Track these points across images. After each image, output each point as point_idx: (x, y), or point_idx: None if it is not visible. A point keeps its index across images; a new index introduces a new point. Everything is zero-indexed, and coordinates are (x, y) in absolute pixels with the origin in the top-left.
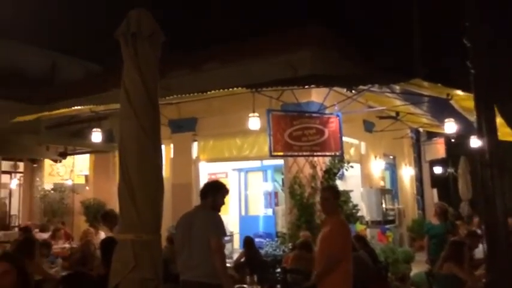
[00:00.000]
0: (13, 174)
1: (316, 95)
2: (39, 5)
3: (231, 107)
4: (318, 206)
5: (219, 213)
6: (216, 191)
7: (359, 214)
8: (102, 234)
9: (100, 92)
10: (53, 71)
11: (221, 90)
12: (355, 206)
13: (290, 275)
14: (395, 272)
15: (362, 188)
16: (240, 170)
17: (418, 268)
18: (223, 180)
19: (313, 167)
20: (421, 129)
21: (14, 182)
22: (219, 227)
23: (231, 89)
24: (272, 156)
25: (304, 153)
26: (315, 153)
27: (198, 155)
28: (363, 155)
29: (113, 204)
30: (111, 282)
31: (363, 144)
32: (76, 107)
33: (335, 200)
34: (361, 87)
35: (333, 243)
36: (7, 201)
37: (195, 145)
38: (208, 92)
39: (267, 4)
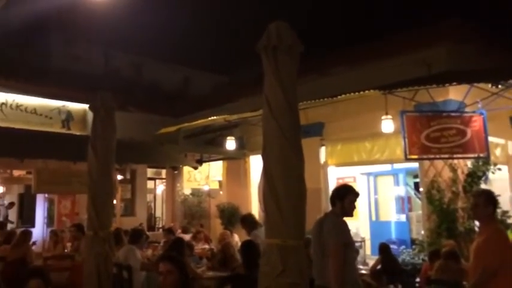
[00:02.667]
0: (157, 181)
1: (455, 93)
2: (172, 24)
3: (359, 109)
4: (460, 212)
5: (344, 219)
6: (342, 197)
7: (509, 221)
8: (236, 237)
9: (229, 102)
10: (185, 85)
11: (352, 93)
12: (506, 212)
13: (435, 286)
14: None
15: (511, 192)
16: (369, 174)
17: None
18: (351, 185)
19: (454, 170)
20: None
21: (160, 188)
22: (339, 232)
23: (362, 92)
24: (407, 160)
25: (444, 156)
26: (455, 156)
27: (326, 159)
28: (510, 156)
29: (245, 207)
30: (261, 284)
31: (510, 144)
32: (212, 117)
33: (489, 206)
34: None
35: (489, 254)
36: (152, 205)
37: (322, 150)
38: (339, 97)
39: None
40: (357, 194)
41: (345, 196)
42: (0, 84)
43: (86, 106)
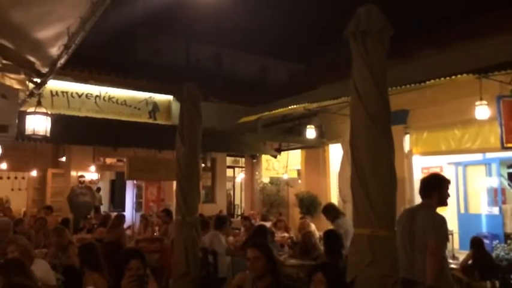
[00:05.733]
0: (235, 169)
1: None
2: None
3: (447, 95)
4: None
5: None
6: (441, 186)
7: None
8: (313, 226)
9: (306, 91)
10: (263, 74)
11: (442, 79)
12: None
13: None
14: None
15: None
16: (457, 164)
17: None
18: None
19: None
20: None
21: (240, 176)
22: (440, 228)
23: (453, 77)
24: (504, 149)
25: None
26: None
27: (410, 148)
28: None
29: (324, 197)
30: (349, 274)
31: None
32: (292, 106)
33: None
34: None
35: None
36: (231, 193)
37: (407, 138)
38: (427, 82)
39: None
40: (449, 181)
41: (443, 185)
42: (95, 78)
43: (170, 97)
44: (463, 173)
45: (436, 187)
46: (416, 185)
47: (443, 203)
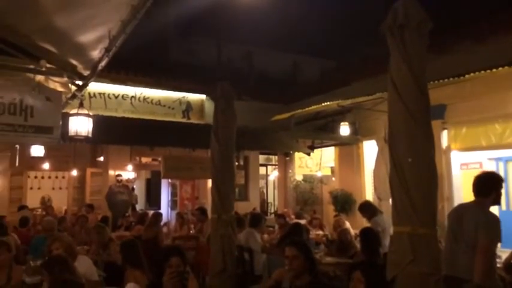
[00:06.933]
0: (268, 167)
1: None
2: (280, 12)
3: (487, 89)
4: None
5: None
6: (498, 185)
7: None
8: (347, 224)
9: (339, 87)
10: (294, 71)
11: (482, 72)
12: None
13: None
14: None
15: None
16: (498, 159)
17: None
18: (477, 172)
19: None
20: None
21: (274, 174)
22: (494, 229)
23: (494, 70)
24: None
25: None
26: None
27: (448, 144)
28: None
29: (358, 194)
30: (389, 273)
31: None
32: (325, 103)
33: None
34: None
35: None
36: (264, 190)
37: (444, 134)
38: (466, 76)
39: None
40: (503, 180)
41: (500, 185)
42: (131, 79)
43: (203, 96)
44: (504, 168)
45: (494, 186)
46: (455, 181)
47: (498, 203)
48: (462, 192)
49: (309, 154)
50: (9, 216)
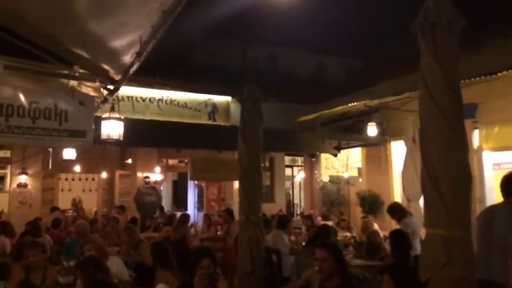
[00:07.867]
0: (294, 168)
1: None
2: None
3: None
4: None
5: None
6: None
7: None
8: (376, 226)
9: (366, 87)
10: (319, 71)
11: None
12: None
13: None
14: None
15: None
16: None
17: None
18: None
19: None
20: None
21: (300, 175)
22: None
23: None
24: None
25: None
26: None
27: (480, 144)
28: None
29: (386, 195)
30: (422, 277)
31: None
32: (352, 103)
33: None
34: None
35: None
36: (290, 192)
37: (476, 133)
38: (499, 74)
39: None
40: None
41: None
42: (158, 83)
43: (228, 98)
44: None
45: None
46: (487, 182)
47: None
48: (495, 193)
49: (335, 155)
50: (42, 218)
